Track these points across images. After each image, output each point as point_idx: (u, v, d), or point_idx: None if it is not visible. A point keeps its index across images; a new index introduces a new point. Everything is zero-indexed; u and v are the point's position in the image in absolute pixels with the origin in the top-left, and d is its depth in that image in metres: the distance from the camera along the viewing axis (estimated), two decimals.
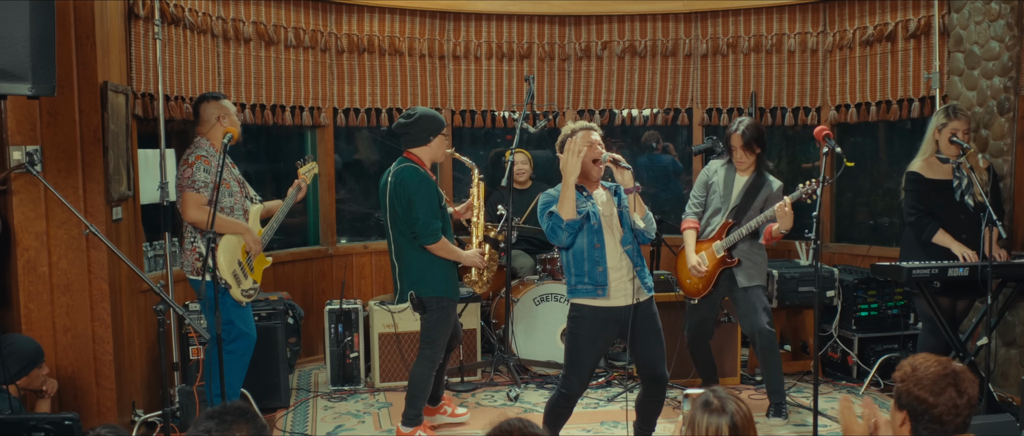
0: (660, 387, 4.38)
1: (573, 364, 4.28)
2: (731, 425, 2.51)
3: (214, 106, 4.79)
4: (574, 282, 4.25)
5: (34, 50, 3.27)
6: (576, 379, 4.29)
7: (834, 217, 7.06)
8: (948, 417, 2.62)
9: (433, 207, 4.68)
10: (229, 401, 4.04)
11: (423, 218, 4.64)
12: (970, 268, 4.70)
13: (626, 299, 4.22)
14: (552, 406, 4.38)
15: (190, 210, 4.60)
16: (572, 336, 4.28)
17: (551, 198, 4.24)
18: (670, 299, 5.79)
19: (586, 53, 7.06)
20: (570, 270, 4.26)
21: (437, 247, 4.71)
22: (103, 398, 4.62)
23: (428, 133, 4.81)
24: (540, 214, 4.27)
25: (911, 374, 2.68)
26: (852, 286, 5.94)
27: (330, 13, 6.57)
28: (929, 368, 2.64)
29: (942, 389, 2.60)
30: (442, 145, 4.90)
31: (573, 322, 4.28)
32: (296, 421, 5.32)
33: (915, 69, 6.17)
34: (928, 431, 2.66)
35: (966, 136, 4.94)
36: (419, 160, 4.80)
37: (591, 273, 4.19)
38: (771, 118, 6.92)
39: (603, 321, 4.23)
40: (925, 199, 5.02)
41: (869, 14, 6.43)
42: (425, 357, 4.82)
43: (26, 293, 4.47)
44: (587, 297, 4.21)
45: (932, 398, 2.61)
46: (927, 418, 2.64)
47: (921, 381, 2.64)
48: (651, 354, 4.32)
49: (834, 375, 6.09)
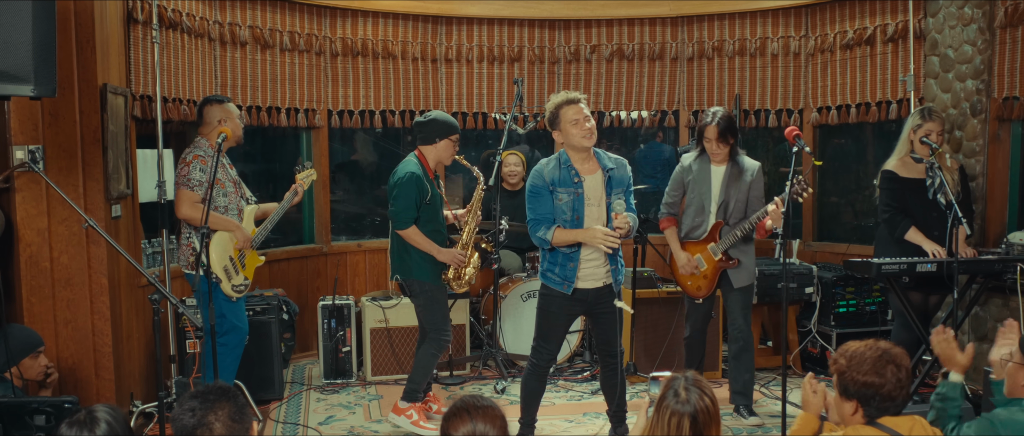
0: (614, 362, 4.67)
1: (544, 337, 4.61)
2: (692, 418, 2.64)
3: (218, 109, 5.00)
4: (546, 268, 4.54)
5: (36, 53, 3.44)
6: (546, 351, 4.62)
7: (817, 217, 7.22)
8: (896, 392, 2.81)
9: (411, 199, 4.94)
10: None
11: (397, 205, 4.95)
12: (938, 264, 4.86)
13: (595, 283, 4.48)
14: (525, 381, 4.68)
15: (183, 207, 4.79)
16: (542, 312, 4.60)
17: (540, 182, 4.45)
18: (653, 295, 5.96)
19: (575, 56, 7.23)
20: (545, 255, 4.54)
21: (407, 234, 4.98)
22: (102, 388, 4.80)
23: (436, 134, 5.09)
24: (526, 193, 4.53)
25: (849, 364, 2.86)
26: (831, 283, 6.10)
27: (325, 17, 6.75)
28: (864, 354, 2.82)
29: (883, 367, 2.80)
30: (449, 148, 5.17)
31: (544, 299, 4.59)
32: (289, 412, 5.50)
33: (893, 72, 6.34)
34: (879, 411, 2.83)
35: (939, 138, 5.09)
36: (424, 159, 5.09)
37: (563, 267, 4.45)
38: (755, 120, 7.09)
39: (571, 301, 4.52)
40: (899, 197, 5.18)
41: (849, 18, 6.60)
42: (432, 340, 5.12)
43: (28, 287, 4.65)
44: (555, 286, 4.50)
45: (879, 379, 2.80)
46: (878, 398, 2.81)
47: (862, 367, 2.82)
48: (609, 331, 4.62)
49: (814, 370, 6.24)
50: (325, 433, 5.12)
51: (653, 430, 2.68)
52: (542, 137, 7.72)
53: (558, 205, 4.43)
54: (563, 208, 4.42)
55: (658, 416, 2.68)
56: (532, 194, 4.48)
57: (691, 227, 5.27)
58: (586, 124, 4.40)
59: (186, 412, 2.46)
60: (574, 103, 4.43)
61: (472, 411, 2.52)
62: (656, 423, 2.67)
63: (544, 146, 7.76)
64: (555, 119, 4.45)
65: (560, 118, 4.42)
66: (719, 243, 5.15)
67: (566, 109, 4.41)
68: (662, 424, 2.64)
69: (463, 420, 2.50)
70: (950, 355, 3.45)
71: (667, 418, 2.64)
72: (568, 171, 4.44)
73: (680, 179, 5.30)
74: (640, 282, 6.00)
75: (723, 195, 5.15)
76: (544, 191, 4.43)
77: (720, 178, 5.18)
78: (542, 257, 4.58)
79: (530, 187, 4.50)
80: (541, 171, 4.48)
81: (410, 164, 5.05)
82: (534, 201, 4.47)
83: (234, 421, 2.45)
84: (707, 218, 5.21)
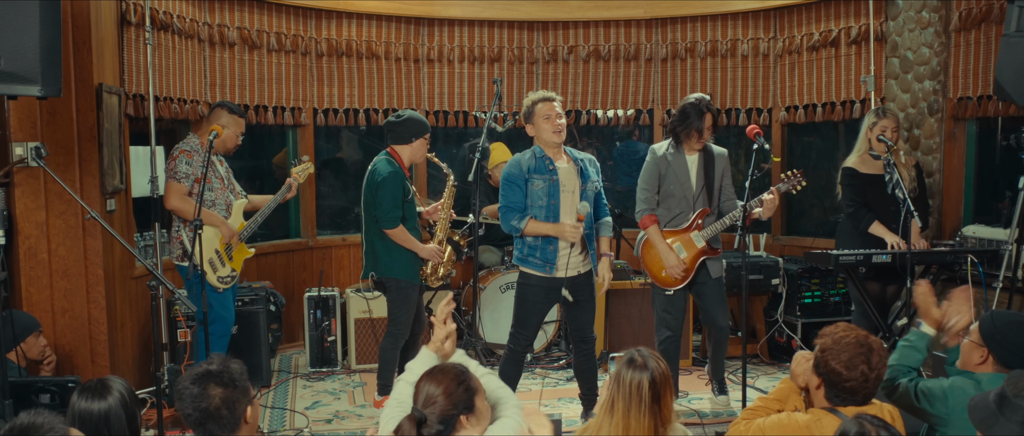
0: (590, 347, 4.96)
1: (522, 324, 4.87)
2: (651, 381, 2.91)
3: (226, 116, 5.34)
4: (526, 254, 4.79)
5: (43, 56, 3.67)
6: (523, 337, 4.88)
7: (785, 212, 7.48)
8: (858, 388, 2.99)
9: (397, 198, 5.11)
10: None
11: (385, 205, 5.09)
12: (892, 255, 5.12)
13: (572, 271, 4.77)
14: (503, 367, 4.92)
15: (172, 198, 5.07)
16: (521, 301, 4.85)
17: (517, 171, 4.73)
18: (626, 287, 6.21)
19: (553, 57, 7.48)
20: (524, 242, 4.79)
21: (395, 233, 5.15)
22: (98, 374, 4.98)
23: (412, 134, 5.28)
24: (501, 180, 4.79)
25: (831, 347, 3.02)
26: (796, 275, 6.37)
27: (310, 19, 6.97)
28: (848, 342, 2.99)
29: (856, 365, 2.96)
30: (422, 147, 5.36)
31: (522, 288, 4.84)
32: (277, 398, 5.73)
33: (857, 73, 6.62)
34: (840, 399, 3.04)
35: (894, 134, 5.34)
36: (398, 157, 5.26)
37: (543, 250, 4.73)
38: (726, 118, 7.36)
39: (549, 289, 4.78)
40: (861, 192, 5.41)
41: (815, 21, 6.87)
42: (390, 334, 5.30)
43: (27, 277, 4.86)
44: (536, 270, 4.75)
45: (846, 372, 2.97)
46: (839, 388, 3.02)
47: (839, 355, 2.99)
48: (584, 317, 4.91)
49: (780, 358, 6.52)
50: (312, 417, 5.35)
51: (615, 394, 2.92)
52: (521, 135, 7.93)
53: (534, 191, 4.72)
54: (540, 193, 4.72)
55: (619, 382, 2.92)
56: (508, 182, 4.75)
57: (671, 217, 5.16)
58: (557, 121, 4.71)
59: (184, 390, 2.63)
60: (549, 101, 4.75)
61: (425, 376, 2.76)
62: (617, 388, 2.91)
63: (522, 145, 7.96)
64: (530, 114, 4.77)
65: (535, 113, 4.75)
66: (703, 231, 5.09)
67: (541, 105, 4.74)
68: (623, 388, 2.89)
69: (418, 387, 2.74)
70: (927, 308, 3.57)
71: (628, 381, 2.89)
72: (543, 161, 4.75)
73: (655, 171, 5.14)
74: (614, 274, 6.23)
75: (702, 181, 5.11)
76: (520, 180, 4.73)
77: (696, 166, 5.13)
78: (520, 243, 4.81)
79: (507, 175, 4.76)
80: (519, 161, 4.79)
81: (386, 163, 5.18)
82: (509, 189, 4.75)
83: (229, 388, 2.64)
84: (687, 206, 5.12)
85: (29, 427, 2.28)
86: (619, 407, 2.91)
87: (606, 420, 2.95)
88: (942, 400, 3.26)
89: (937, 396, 3.28)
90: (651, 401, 2.88)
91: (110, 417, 2.79)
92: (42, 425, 2.29)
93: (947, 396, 3.25)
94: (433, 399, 2.68)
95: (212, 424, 2.59)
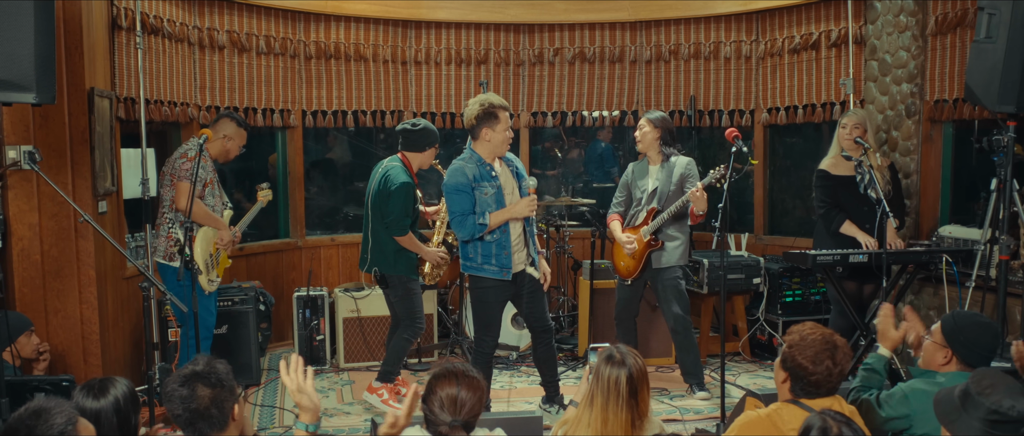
0: (549, 337, 5.18)
1: (487, 326, 5.07)
2: (629, 376, 3.03)
3: (232, 128, 5.54)
4: (481, 261, 4.97)
5: (37, 64, 3.75)
6: (489, 339, 5.08)
7: (767, 212, 7.61)
8: (823, 382, 3.11)
9: (408, 207, 5.28)
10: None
11: (396, 213, 5.26)
12: (869, 255, 5.24)
13: (519, 267, 5.05)
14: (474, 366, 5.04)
15: (183, 199, 5.15)
16: (482, 303, 5.05)
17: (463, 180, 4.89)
18: (610, 285, 6.33)
19: (539, 59, 7.58)
20: (477, 249, 4.97)
21: (404, 240, 5.33)
22: (90, 373, 5.09)
23: (425, 143, 5.47)
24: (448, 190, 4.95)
25: (798, 343, 3.14)
26: (777, 274, 6.49)
27: (299, 22, 7.06)
28: (812, 340, 3.11)
29: (821, 360, 3.08)
30: (432, 156, 5.56)
31: (481, 291, 5.03)
32: (266, 396, 5.82)
33: (837, 75, 6.74)
34: (805, 392, 3.16)
35: (856, 129, 5.42)
36: (408, 162, 5.43)
37: (499, 257, 4.95)
38: (709, 120, 7.47)
39: (504, 288, 5.02)
40: (833, 193, 5.54)
41: (796, 24, 6.99)
42: (408, 328, 5.47)
43: (20, 278, 4.94)
44: (494, 276, 4.96)
45: (811, 367, 3.09)
46: (804, 381, 3.14)
47: (805, 351, 3.10)
48: (538, 308, 5.13)
49: (761, 355, 6.65)
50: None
51: (594, 389, 3.03)
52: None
53: (483, 199, 4.91)
54: (489, 201, 4.92)
55: (598, 377, 3.03)
56: (457, 191, 4.91)
57: (631, 216, 5.75)
58: (509, 134, 5.01)
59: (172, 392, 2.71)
60: (506, 112, 4.96)
61: (459, 377, 2.89)
62: (596, 383, 3.03)
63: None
64: (493, 119, 4.91)
65: (498, 121, 4.91)
66: (649, 225, 5.57)
67: (503, 115, 4.93)
68: (602, 383, 3.00)
69: (450, 382, 2.87)
70: (885, 330, 3.71)
71: (606, 376, 3.00)
72: (484, 168, 4.95)
73: (624, 181, 5.83)
74: (598, 273, 6.38)
75: (653, 184, 5.62)
76: (467, 188, 4.90)
77: (654, 173, 5.67)
78: (474, 251, 4.98)
79: (455, 185, 4.91)
80: (462, 170, 4.94)
81: (401, 171, 5.33)
82: (459, 197, 4.90)
83: (217, 388, 2.73)
84: (641, 207, 5.67)
85: (40, 410, 2.39)
86: (598, 401, 3.02)
87: (585, 413, 3.07)
88: (903, 402, 3.38)
89: (898, 398, 3.40)
90: (628, 396, 2.99)
91: (100, 417, 2.87)
92: (52, 408, 2.40)
93: (908, 398, 3.37)
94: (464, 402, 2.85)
95: (202, 423, 2.69)
